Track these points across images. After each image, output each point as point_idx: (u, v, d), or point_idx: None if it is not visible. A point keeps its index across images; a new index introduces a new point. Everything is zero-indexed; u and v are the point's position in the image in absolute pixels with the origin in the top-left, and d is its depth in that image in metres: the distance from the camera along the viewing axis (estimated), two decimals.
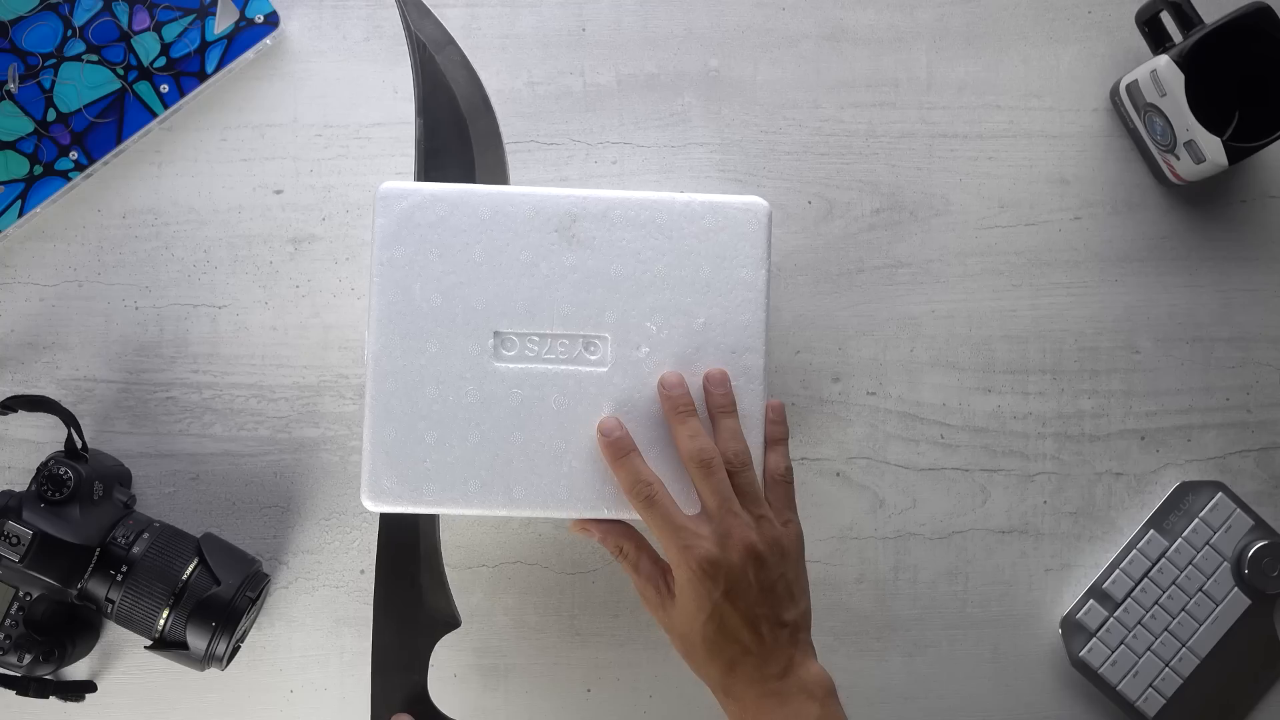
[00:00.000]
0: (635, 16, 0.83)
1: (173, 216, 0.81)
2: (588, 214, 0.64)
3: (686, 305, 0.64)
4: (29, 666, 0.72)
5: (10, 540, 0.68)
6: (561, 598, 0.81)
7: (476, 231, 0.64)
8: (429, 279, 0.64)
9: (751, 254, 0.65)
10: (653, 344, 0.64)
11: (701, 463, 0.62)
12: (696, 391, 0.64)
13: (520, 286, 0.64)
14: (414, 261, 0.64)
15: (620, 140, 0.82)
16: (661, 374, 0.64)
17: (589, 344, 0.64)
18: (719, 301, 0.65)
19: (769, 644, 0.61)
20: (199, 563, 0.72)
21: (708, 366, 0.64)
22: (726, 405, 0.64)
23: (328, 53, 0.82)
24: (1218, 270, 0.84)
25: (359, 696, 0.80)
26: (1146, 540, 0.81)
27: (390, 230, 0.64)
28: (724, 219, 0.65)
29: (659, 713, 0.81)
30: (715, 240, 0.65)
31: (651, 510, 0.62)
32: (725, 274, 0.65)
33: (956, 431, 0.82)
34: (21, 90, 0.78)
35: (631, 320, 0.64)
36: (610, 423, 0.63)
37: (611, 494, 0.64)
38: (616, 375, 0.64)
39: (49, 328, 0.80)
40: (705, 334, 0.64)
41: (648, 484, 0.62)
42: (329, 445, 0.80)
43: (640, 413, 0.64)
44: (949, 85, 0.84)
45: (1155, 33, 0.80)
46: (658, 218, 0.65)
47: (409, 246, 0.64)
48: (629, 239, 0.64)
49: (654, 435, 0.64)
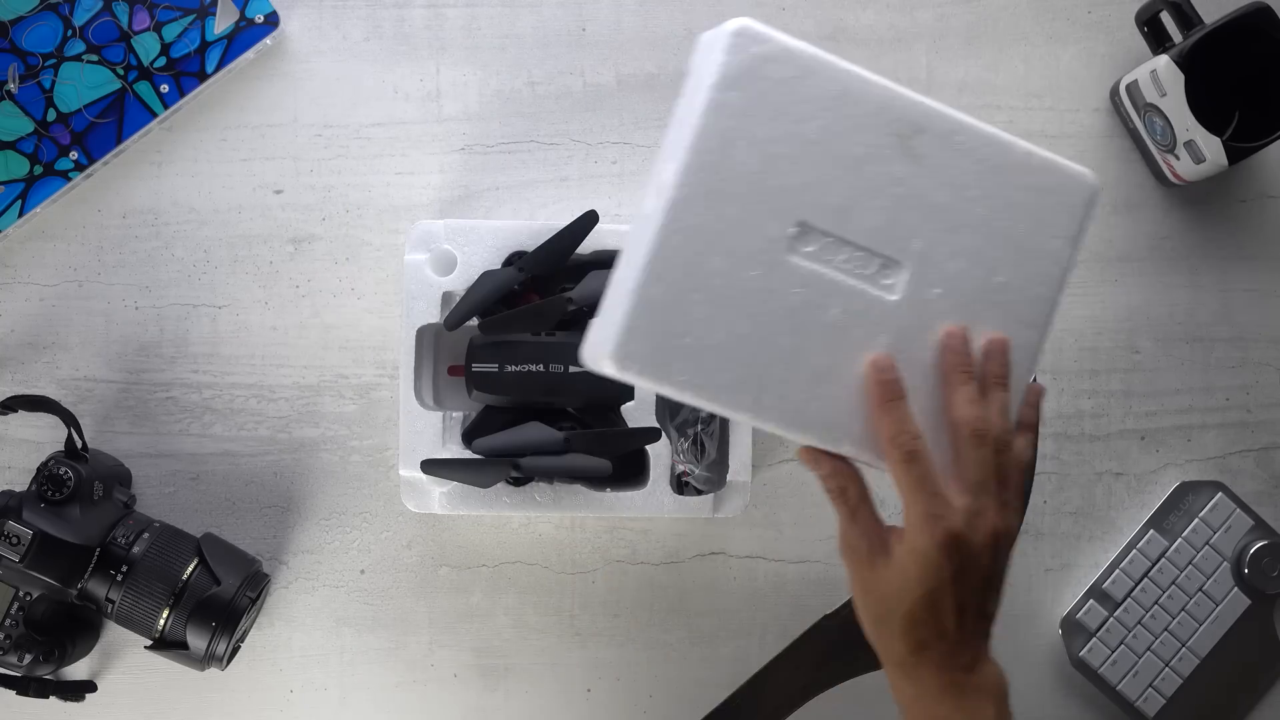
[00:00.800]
0: (635, 16, 0.83)
1: (173, 216, 0.81)
2: (934, 129, 0.58)
3: (992, 258, 0.58)
4: (29, 666, 0.72)
5: (10, 540, 0.68)
6: (561, 598, 0.81)
7: (818, 107, 0.56)
8: (754, 140, 0.55)
9: (1068, 226, 0.59)
10: (948, 288, 0.58)
11: (976, 433, 0.57)
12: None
13: (841, 181, 0.57)
14: (746, 116, 0.55)
15: (620, 140, 0.82)
16: (948, 326, 0.58)
17: (887, 266, 0.57)
18: (1023, 265, 0.59)
19: (967, 634, 0.58)
20: (199, 563, 0.72)
21: (989, 328, 0.59)
22: (1001, 378, 0.59)
23: (328, 53, 0.82)
24: (1218, 270, 0.84)
25: (359, 696, 0.80)
26: (1146, 540, 0.81)
27: (733, 73, 0.55)
28: (1055, 180, 0.59)
29: (659, 713, 0.81)
30: (1040, 200, 0.59)
31: (910, 466, 0.56)
32: (1037, 239, 0.59)
33: None
34: (21, 90, 0.78)
35: (936, 256, 0.58)
36: (886, 361, 0.57)
37: (860, 432, 0.57)
38: (903, 308, 0.57)
39: (49, 328, 0.80)
40: (999, 294, 0.59)
41: (913, 437, 0.56)
42: (329, 445, 0.80)
43: (910, 356, 0.57)
44: (949, 85, 0.84)
45: (1155, 33, 0.80)
46: (995, 157, 0.58)
47: (747, 97, 0.55)
48: (962, 170, 0.58)
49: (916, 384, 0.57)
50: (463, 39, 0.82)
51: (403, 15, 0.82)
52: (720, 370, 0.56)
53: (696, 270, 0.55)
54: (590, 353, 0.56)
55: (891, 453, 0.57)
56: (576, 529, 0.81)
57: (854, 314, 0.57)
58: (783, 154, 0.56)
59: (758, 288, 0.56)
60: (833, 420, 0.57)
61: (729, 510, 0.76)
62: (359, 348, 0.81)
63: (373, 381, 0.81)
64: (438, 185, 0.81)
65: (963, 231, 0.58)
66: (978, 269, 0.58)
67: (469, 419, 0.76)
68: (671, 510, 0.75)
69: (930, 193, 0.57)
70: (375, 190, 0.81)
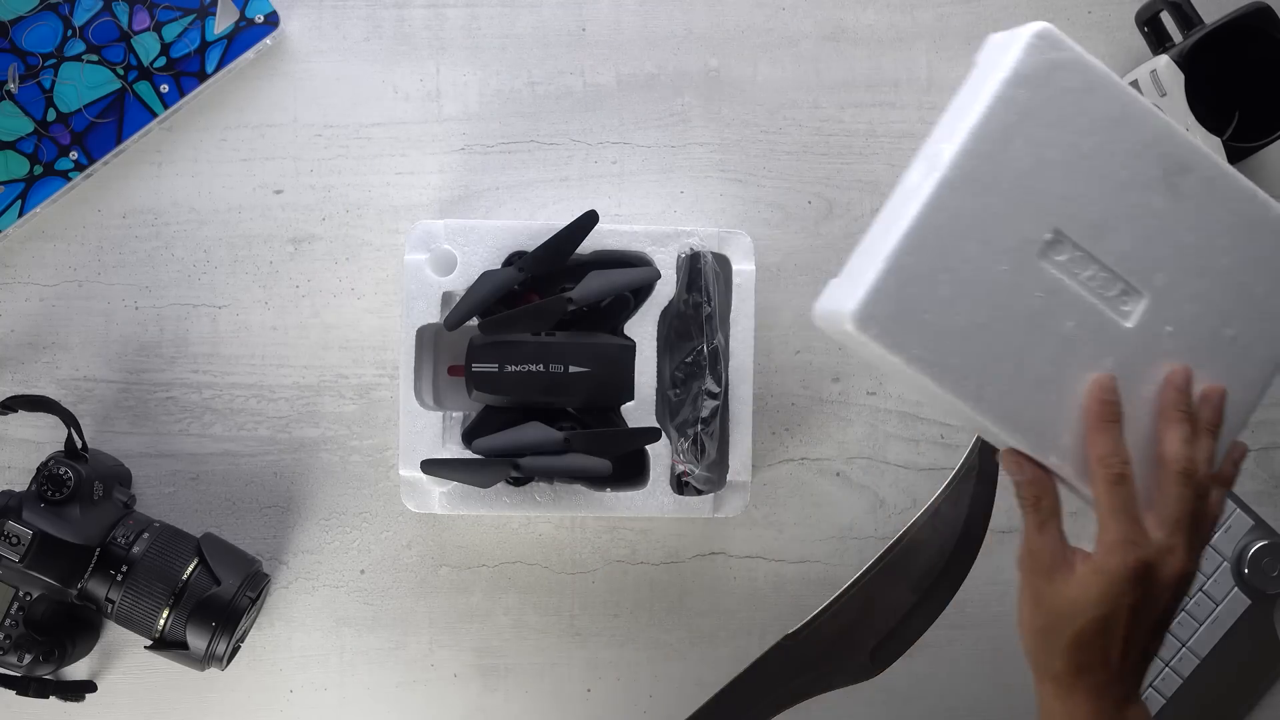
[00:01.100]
0: (635, 16, 0.83)
1: (173, 216, 0.81)
2: (1200, 172, 0.59)
3: (1228, 310, 0.60)
4: (29, 666, 0.72)
5: (10, 540, 0.68)
6: (561, 598, 0.81)
7: (1097, 123, 0.58)
8: (1031, 140, 0.57)
9: None
10: (1180, 327, 0.59)
11: (1184, 472, 0.58)
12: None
13: (1102, 200, 0.58)
14: (1028, 115, 0.57)
15: (620, 140, 0.82)
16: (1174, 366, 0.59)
17: (1127, 293, 0.58)
18: (1255, 323, 0.60)
19: (1128, 668, 0.58)
20: (199, 563, 0.72)
21: (1209, 376, 0.60)
22: (1214, 426, 0.60)
23: (328, 53, 0.82)
24: None
25: (359, 696, 0.80)
26: None
27: (1026, 72, 0.57)
28: None
29: (659, 713, 0.81)
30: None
31: (1115, 488, 0.57)
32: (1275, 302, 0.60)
33: (957, 431, 0.82)
34: (21, 90, 0.78)
35: (1176, 295, 0.59)
36: (1110, 383, 0.58)
37: (1069, 446, 0.58)
38: (1134, 337, 0.58)
39: (49, 328, 0.80)
40: (1227, 346, 0.60)
41: (1124, 461, 0.57)
42: (329, 445, 0.80)
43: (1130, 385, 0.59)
44: (949, 85, 0.83)
45: (1155, 33, 0.80)
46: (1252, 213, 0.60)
47: (1033, 98, 0.57)
48: (1218, 217, 0.59)
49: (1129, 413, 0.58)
50: (463, 39, 0.82)
51: (403, 15, 0.82)
52: (952, 353, 0.56)
53: (950, 252, 0.56)
54: (828, 308, 0.57)
55: (1099, 472, 0.57)
56: (576, 529, 0.81)
57: (1087, 331, 0.58)
58: (1054, 160, 0.57)
59: (1003, 283, 0.57)
60: (1045, 428, 0.58)
61: (729, 510, 0.76)
62: (359, 348, 0.81)
63: (373, 381, 0.81)
64: (438, 185, 0.81)
65: (1206, 277, 0.59)
66: (1212, 316, 0.59)
67: (469, 419, 0.76)
68: (671, 510, 0.75)
69: (1183, 232, 0.59)
70: (375, 190, 0.81)
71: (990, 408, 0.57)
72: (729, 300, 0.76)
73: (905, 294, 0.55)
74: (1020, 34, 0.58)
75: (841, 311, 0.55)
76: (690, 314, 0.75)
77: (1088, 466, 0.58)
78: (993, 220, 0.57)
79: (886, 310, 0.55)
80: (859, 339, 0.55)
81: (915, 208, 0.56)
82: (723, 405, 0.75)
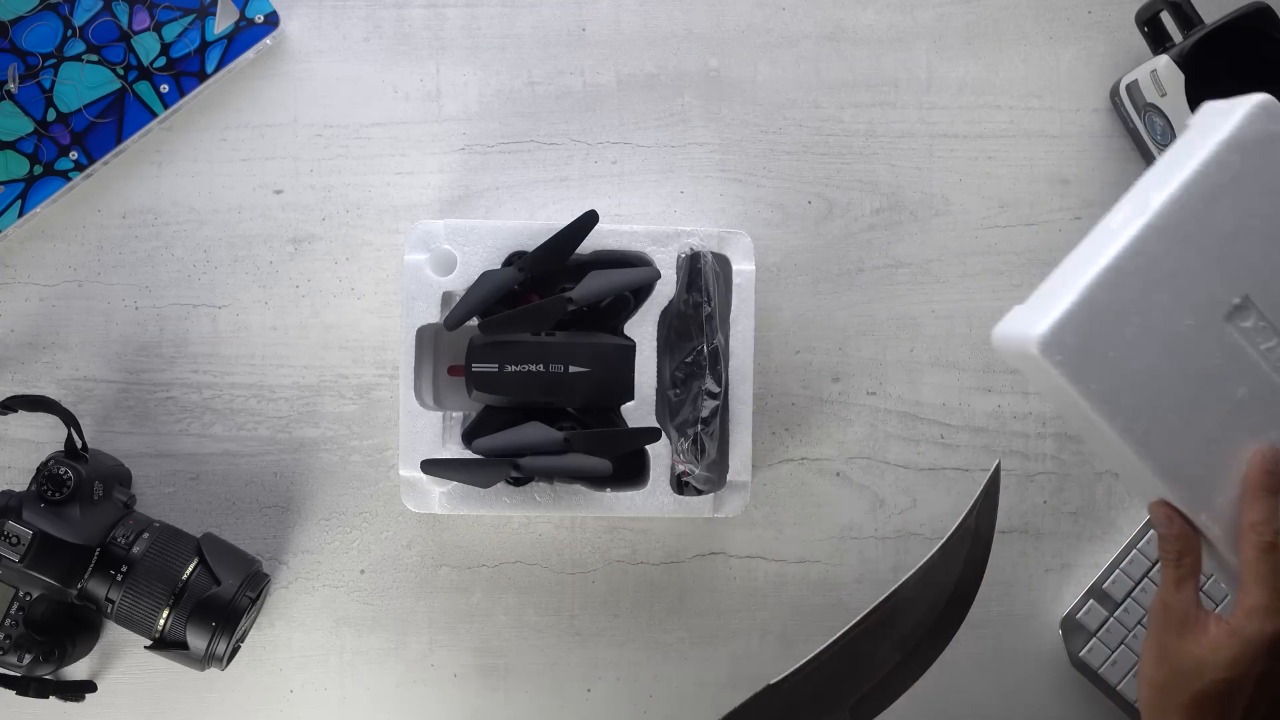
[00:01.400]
0: (635, 16, 0.83)
1: (173, 216, 0.81)
2: None
3: None
4: (29, 666, 0.72)
5: (10, 540, 0.68)
6: (561, 598, 0.81)
7: None
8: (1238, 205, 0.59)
9: None
10: None
11: None
12: None
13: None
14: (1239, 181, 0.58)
15: (620, 140, 0.82)
16: None
17: None
18: None
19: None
20: (199, 563, 0.72)
21: None
22: None
23: (328, 53, 0.82)
24: None
25: (359, 696, 0.80)
26: (1146, 540, 0.81)
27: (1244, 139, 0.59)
28: None
29: (659, 713, 0.81)
30: None
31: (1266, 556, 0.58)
32: None
33: (956, 431, 0.82)
34: (21, 90, 0.78)
35: None
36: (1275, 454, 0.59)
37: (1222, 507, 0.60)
38: None
39: (49, 328, 0.80)
40: None
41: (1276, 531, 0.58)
42: (329, 445, 0.80)
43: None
44: (949, 85, 0.84)
45: (1155, 33, 0.80)
46: None
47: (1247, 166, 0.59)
48: None
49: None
50: (463, 39, 0.82)
51: (403, 15, 0.82)
52: (1127, 394, 0.58)
53: (1142, 296, 0.58)
54: (1011, 332, 0.59)
55: (1249, 538, 0.58)
56: (576, 529, 0.81)
57: (1259, 400, 0.59)
58: (1256, 228, 0.59)
59: (1186, 337, 0.58)
60: (1203, 486, 0.59)
61: (729, 510, 0.76)
62: (359, 348, 0.81)
63: (373, 381, 0.81)
64: (438, 185, 0.81)
65: None
66: None
67: (469, 419, 0.76)
68: (671, 510, 0.75)
69: None
70: (375, 190, 0.81)
71: (1153, 455, 0.59)
72: (729, 300, 0.76)
73: (1093, 328, 0.57)
74: (1242, 103, 0.60)
75: (1028, 336, 0.57)
76: (690, 314, 0.76)
77: (1237, 530, 0.58)
78: (1187, 274, 0.58)
79: (1073, 340, 0.57)
80: (1041, 365, 0.57)
81: (1116, 247, 0.58)
82: (723, 405, 0.75)
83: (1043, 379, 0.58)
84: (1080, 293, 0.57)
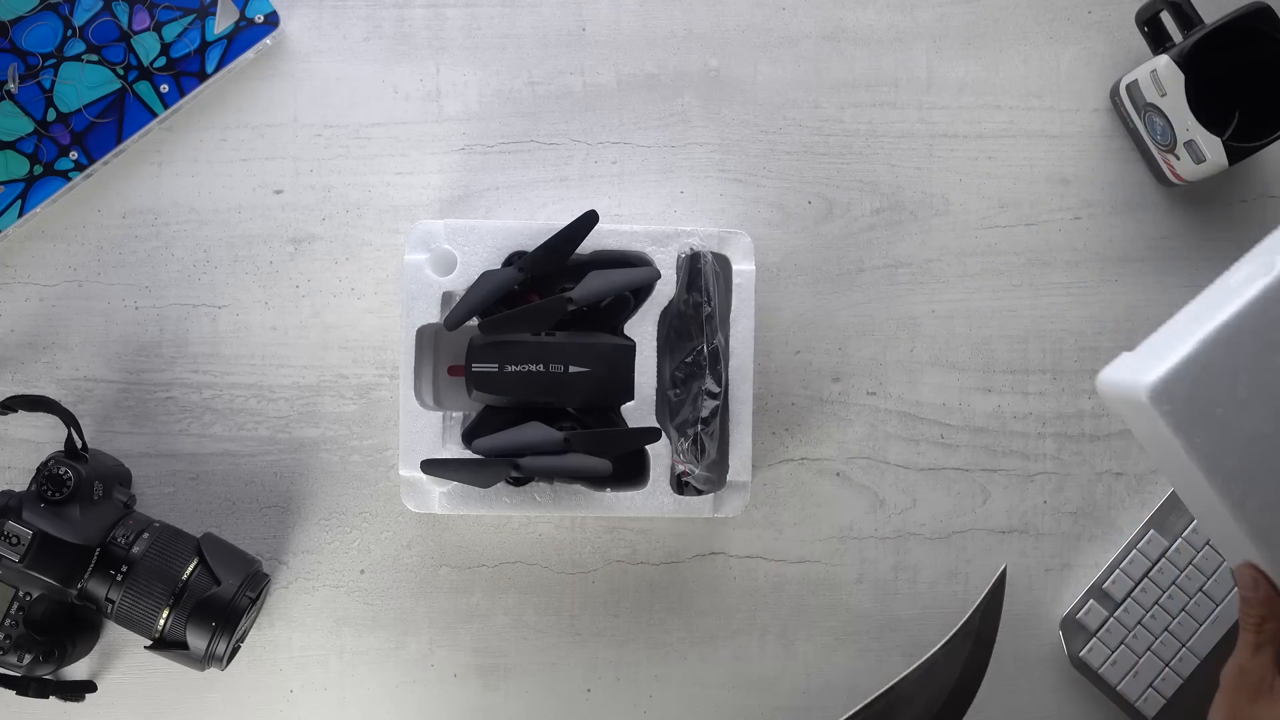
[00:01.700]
0: (635, 16, 0.83)
1: (173, 216, 0.81)
2: None
3: None
4: (29, 666, 0.72)
5: (10, 540, 0.68)
6: (561, 598, 0.81)
7: None
8: None
9: None
10: None
11: None
12: None
13: None
14: None
15: (620, 140, 0.82)
16: None
17: None
18: None
19: None
20: (199, 563, 0.72)
21: None
22: None
23: (328, 53, 0.82)
24: (1218, 270, 0.83)
25: (359, 696, 0.80)
26: (1146, 540, 0.81)
27: None
28: None
29: (659, 713, 0.81)
30: None
31: None
32: None
33: (956, 431, 0.82)
34: (21, 90, 0.78)
35: None
36: None
37: None
38: None
39: (49, 328, 0.80)
40: None
41: None
42: (329, 445, 0.80)
43: None
44: (949, 85, 0.84)
45: (1155, 33, 0.80)
46: None
47: None
48: None
49: None
50: (463, 39, 0.82)
51: (403, 15, 0.82)
52: (1230, 453, 0.58)
53: (1255, 357, 0.58)
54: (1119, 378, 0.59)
55: None
56: (576, 529, 0.81)
57: None
58: None
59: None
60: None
61: (729, 510, 0.76)
62: (359, 348, 0.81)
63: (373, 381, 0.81)
64: (438, 185, 0.81)
65: None
66: None
67: (469, 419, 0.76)
68: (671, 510, 0.75)
69: None
70: (375, 190, 0.81)
71: (1249, 518, 0.59)
72: (729, 300, 0.76)
73: (1204, 382, 0.57)
74: None
75: (1138, 383, 0.57)
76: (690, 314, 0.76)
77: None
78: None
79: (1183, 392, 0.57)
80: (1149, 412, 0.57)
81: (1235, 305, 0.58)
82: (723, 405, 0.75)
83: (1147, 427, 0.58)
84: (1195, 345, 0.57)
